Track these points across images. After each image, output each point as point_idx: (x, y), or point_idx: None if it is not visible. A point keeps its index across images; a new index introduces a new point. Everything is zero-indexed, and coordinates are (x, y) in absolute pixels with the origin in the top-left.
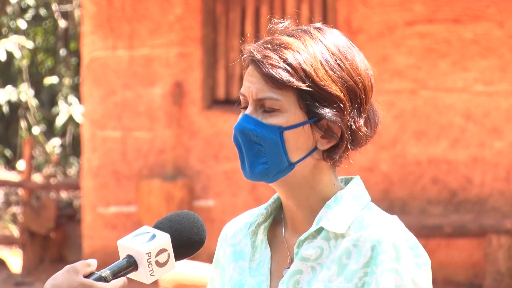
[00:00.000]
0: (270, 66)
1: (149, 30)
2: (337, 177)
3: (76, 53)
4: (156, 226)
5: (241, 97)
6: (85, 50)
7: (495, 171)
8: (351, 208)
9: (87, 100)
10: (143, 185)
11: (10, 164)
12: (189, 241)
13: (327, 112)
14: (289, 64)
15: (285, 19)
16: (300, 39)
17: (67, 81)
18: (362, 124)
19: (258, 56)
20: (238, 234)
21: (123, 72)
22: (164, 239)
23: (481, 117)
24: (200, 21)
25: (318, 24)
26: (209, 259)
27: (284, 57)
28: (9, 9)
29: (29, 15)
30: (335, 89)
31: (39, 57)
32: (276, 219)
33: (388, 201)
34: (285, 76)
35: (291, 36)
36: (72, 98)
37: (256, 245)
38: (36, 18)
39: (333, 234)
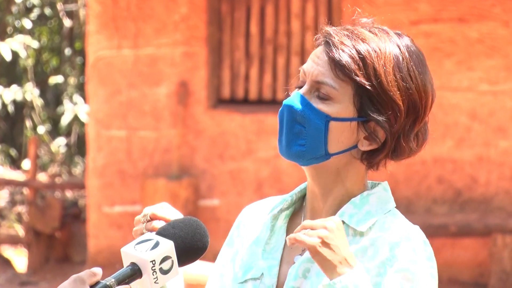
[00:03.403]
0: (342, 53)
1: (154, 30)
2: (367, 179)
3: (81, 53)
4: (159, 233)
5: (300, 74)
6: (90, 49)
7: (501, 170)
8: (375, 210)
9: (92, 100)
10: (148, 185)
11: (15, 164)
12: (192, 248)
13: (380, 116)
14: (363, 59)
15: (368, 16)
16: (380, 38)
17: (72, 80)
18: (411, 139)
19: (335, 39)
20: (257, 217)
21: (128, 71)
22: (168, 247)
23: (486, 116)
24: (205, 20)
25: (398, 31)
26: (215, 258)
27: (359, 49)
28: (14, 9)
29: (34, 14)
30: (398, 97)
31: (44, 56)
32: (297, 209)
33: None
34: (353, 67)
35: (372, 33)
36: (77, 98)
37: (275, 230)
38: (41, 18)
39: (353, 230)
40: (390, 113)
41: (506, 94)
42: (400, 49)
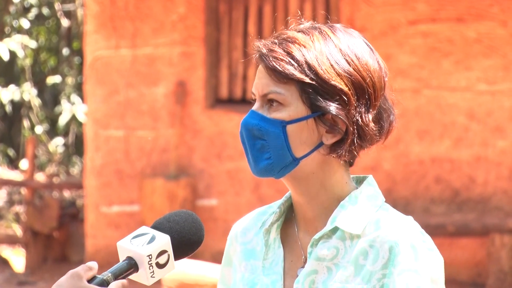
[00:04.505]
0: (274, 59)
1: (152, 29)
2: (350, 176)
3: (79, 52)
4: (155, 227)
5: (253, 95)
6: (88, 49)
7: (498, 170)
8: (366, 209)
9: (90, 99)
10: (146, 184)
11: (13, 163)
12: (188, 241)
13: (330, 105)
14: (293, 57)
15: (304, 20)
16: (308, 35)
17: (70, 80)
18: (371, 119)
19: (264, 50)
20: (249, 232)
21: (126, 71)
22: (164, 241)
23: (484, 116)
24: (203, 20)
25: (338, 25)
26: (212, 258)
27: (289, 51)
28: (12, 8)
29: (32, 14)
30: (339, 82)
31: (42, 56)
32: (289, 218)
33: (391, 200)
34: (288, 69)
35: (300, 32)
36: (75, 97)
37: (269, 244)
38: (39, 17)
39: (349, 234)
40: (338, 98)
41: (504, 94)
42: (331, 39)
